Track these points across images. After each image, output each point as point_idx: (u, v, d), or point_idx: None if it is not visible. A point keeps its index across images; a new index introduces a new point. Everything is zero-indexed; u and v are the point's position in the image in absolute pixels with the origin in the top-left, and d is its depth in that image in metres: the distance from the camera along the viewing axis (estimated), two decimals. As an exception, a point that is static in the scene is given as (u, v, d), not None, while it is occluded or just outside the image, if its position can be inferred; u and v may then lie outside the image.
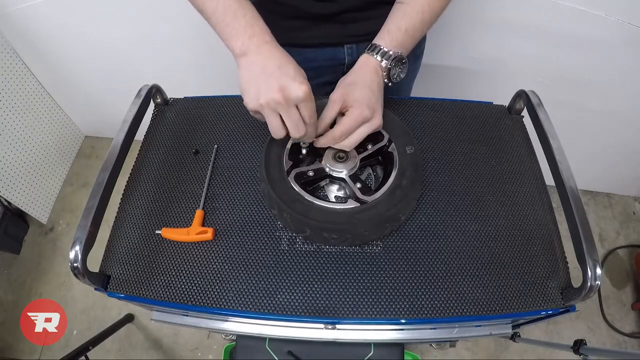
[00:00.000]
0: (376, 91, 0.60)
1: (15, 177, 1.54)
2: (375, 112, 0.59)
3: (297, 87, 0.51)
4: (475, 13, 1.11)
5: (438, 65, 1.29)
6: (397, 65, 0.61)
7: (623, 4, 0.99)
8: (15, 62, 1.49)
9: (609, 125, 1.37)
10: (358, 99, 0.58)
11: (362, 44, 0.76)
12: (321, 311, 0.56)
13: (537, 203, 0.65)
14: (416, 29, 0.62)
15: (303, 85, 0.51)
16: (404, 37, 0.61)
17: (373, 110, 0.58)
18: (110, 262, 0.62)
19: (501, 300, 0.56)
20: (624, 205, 1.77)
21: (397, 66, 0.61)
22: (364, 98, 0.58)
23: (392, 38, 0.61)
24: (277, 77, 0.51)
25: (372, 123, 0.58)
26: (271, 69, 0.52)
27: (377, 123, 0.59)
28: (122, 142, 0.65)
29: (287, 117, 0.53)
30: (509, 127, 0.75)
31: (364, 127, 0.58)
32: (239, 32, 0.54)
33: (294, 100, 0.51)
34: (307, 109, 0.53)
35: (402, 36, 0.61)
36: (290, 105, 0.52)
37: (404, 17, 0.62)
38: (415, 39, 0.63)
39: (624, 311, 1.54)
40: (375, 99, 0.59)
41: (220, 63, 1.32)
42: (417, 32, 0.62)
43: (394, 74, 0.62)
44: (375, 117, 0.59)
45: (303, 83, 0.51)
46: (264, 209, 0.64)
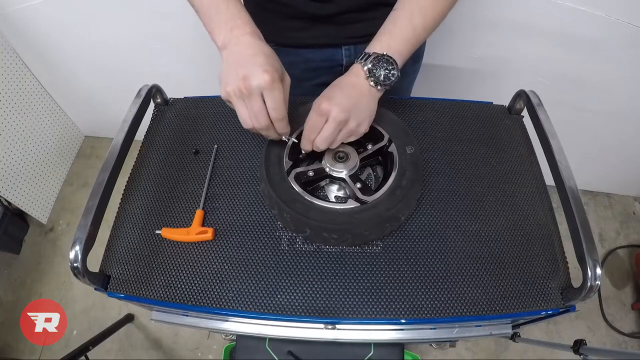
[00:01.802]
0: (353, 95, 0.56)
1: (15, 177, 1.54)
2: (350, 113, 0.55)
3: (259, 75, 0.49)
4: (476, 13, 1.11)
5: (438, 65, 1.29)
6: (380, 65, 0.57)
7: (623, 4, 0.99)
8: (15, 62, 1.49)
9: (609, 125, 1.37)
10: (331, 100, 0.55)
11: (360, 46, 0.76)
12: (321, 311, 0.56)
13: (537, 203, 0.65)
14: (405, 30, 0.59)
15: (266, 74, 0.49)
16: (391, 39, 0.59)
17: (347, 112, 0.55)
18: (110, 262, 0.62)
19: (501, 300, 0.56)
20: (624, 205, 1.77)
21: (380, 67, 0.57)
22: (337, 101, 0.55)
23: (379, 41, 0.59)
24: (245, 66, 0.51)
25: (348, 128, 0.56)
26: (244, 59, 0.52)
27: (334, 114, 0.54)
28: (122, 142, 0.65)
29: (248, 106, 0.52)
30: (509, 127, 0.75)
31: (342, 132, 0.57)
32: (221, 25, 0.55)
33: (255, 88, 0.50)
34: (271, 98, 0.51)
35: (388, 39, 0.59)
36: (252, 93, 0.51)
37: (392, 21, 0.61)
38: (408, 41, 0.59)
39: (624, 311, 1.54)
40: (351, 103, 0.55)
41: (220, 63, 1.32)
42: (407, 33, 0.59)
43: (379, 75, 0.57)
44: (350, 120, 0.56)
45: (267, 72, 0.50)
46: (264, 209, 0.64)
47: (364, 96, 0.57)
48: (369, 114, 0.58)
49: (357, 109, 0.56)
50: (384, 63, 0.57)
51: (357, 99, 0.57)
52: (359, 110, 0.57)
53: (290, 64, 0.82)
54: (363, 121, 0.58)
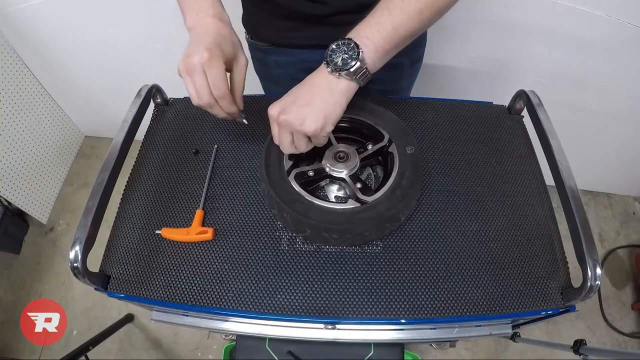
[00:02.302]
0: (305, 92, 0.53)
1: (15, 177, 1.54)
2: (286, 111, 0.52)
3: (199, 53, 0.51)
4: (475, 13, 1.11)
5: (438, 65, 1.29)
6: (340, 50, 0.51)
7: (623, 4, 0.99)
8: (15, 62, 1.49)
9: (609, 126, 1.37)
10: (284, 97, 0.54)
11: None
12: (321, 311, 0.56)
13: (537, 203, 0.65)
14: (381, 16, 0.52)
15: (205, 51, 0.51)
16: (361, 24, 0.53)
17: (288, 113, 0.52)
18: (110, 262, 0.62)
19: (501, 300, 0.56)
20: (624, 205, 1.77)
21: (339, 52, 0.51)
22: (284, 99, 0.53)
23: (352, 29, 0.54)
24: (193, 45, 0.52)
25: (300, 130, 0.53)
26: (198, 38, 0.53)
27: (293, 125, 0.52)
28: (122, 142, 0.65)
29: (193, 82, 0.53)
30: (509, 127, 0.75)
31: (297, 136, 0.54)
32: (190, 9, 0.57)
33: (196, 64, 0.51)
34: (210, 75, 0.52)
35: (360, 24, 0.53)
36: (194, 70, 0.52)
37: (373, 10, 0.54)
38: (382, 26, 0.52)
39: (624, 311, 1.54)
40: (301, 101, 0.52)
41: (220, 63, 1.32)
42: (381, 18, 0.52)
43: (337, 60, 0.51)
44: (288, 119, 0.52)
45: (207, 50, 0.51)
46: (264, 209, 0.64)
47: (312, 90, 0.53)
48: (316, 111, 0.52)
49: (296, 105, 0.52)
50: (344, 47, 0.51)
51: (298, 94, 0.53)
52: (298, 106, 0.52)
53: (286, 64, 0.82)
54: (305, 119, 0.52)
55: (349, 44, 0.51)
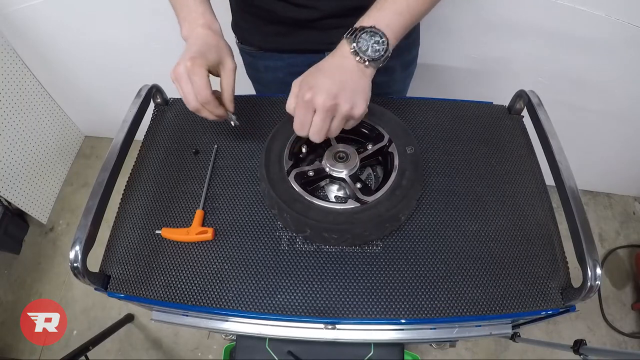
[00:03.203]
0: (331, 70, 0.53)
1: (15, 177, 1.54)
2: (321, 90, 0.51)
3: (184, 63, 0.54)
4: (476, 13, 1.11)
5: (438, 65, 1.29)
6: (367, 38, 0.52)
7: (623, 4, 0.99)
8: (15, 62, 1.49)
9: (609, 125, 1.37)
10: (306, 81, 0.53)
11: None
12: (321, 311, 0.56)
13: (537, 203, 0.65)
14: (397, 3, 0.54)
15: (188, 61, 0.54)
16: (380, 12, 0.54)
17: (317, 90, 0.51)
18: (110, 262, 0.62)
19: (501, 300, 0.56)
20: (624, 205, 1.77)
21: (367, 40, 0.52)
22: (311, 80, 0.52)
23: (367, 16, 0.54)
24: (182, 55, 0.57)
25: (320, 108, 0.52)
26: (187, 49, 0.58)
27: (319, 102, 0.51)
28: (122, 142, 0.65)
29: (180, 90, 0.57)
30: (509, 127, 0.75)
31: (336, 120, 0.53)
32: (183, 20, 0.61)
33: (181, 74, 0.55)
34: (193, 83, 0.55)
35: (377, 12, 0.54)
36: (180, 78, 0.55)
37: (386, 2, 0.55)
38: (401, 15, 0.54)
39: (624, 311, 1.54)
40: (325, 76, 0.52)
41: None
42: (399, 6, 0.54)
43: (366, 49, 0.52)
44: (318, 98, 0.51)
45: (190, 59, 0.54)
46: (264, 209, 0.64)
47: (352, 75, 0.53)
48: (362, 94, 0.54)
49: (346, 91, 0.52)
50: (371, 36, 0.52)
51: (343, 80, 0.52)
52: (349, 92, 0.52)
53: (275, 68, 0.83)
54: (356, 103, 0.53)
55: (377, 33, 0.52)
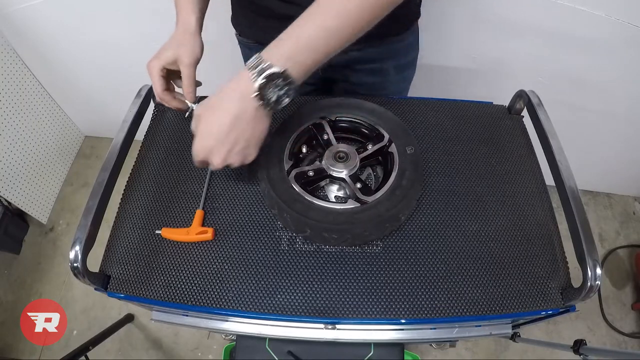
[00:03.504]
0: (224, 128, 0.50)
1: (15, 177, 1.54)
2: (212, 154, 0.51)
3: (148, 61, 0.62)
4: (475, 13, 1.11)
5: (438, 65, 1.29)
6: (274, 84, 0.48)
7: (623, 4, 0.99)
8: (15, 62, 1.49)
9: (609, 125, 1.37)
10: (200, 133, 0.52)
11: None
12: (321, 311, 0.56)
13: (537, 203, 0.65)
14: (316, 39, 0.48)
15: (150, 61, 0.62)
16: (295, 48, 0.48)
17: (209, 152, 0.52)
18: (110, 262, 0.62)
19: (501, 300, 0.56)
20: (624, 205, 1.77)
21: (273, 86, 0.48)
22: (204, 135, 0.52)
23: (280, 49, 0.49)
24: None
25: (211, 165, 0.53)
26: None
27: (215, 165, 0.52)
28: (122, 142, 0.65)
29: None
30: (509, 127, 0.75)
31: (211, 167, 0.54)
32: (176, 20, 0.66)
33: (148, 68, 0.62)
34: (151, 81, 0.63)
35: (293, 47, 0.48)
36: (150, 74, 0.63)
37: (303, 21, 0.49)
38: (317, 52, 0.48)
39: (624, 311, 1.54)
40: (217, 139, 0.50)
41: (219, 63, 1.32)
42: (318, 42, 0.48)
43: (271, 96, 0.49)
44: (212, 159, 0.52)
45: (151, 59, 0.62)
46: (264, 209, 0.64)
47: (249, 125, 0.50)
48: (257, 143, 0.53)
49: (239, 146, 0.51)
50: (280, 81, 0.48)
51: (238, 135, 0.50)
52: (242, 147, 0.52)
53: None
54: (247, 155, 0.53)
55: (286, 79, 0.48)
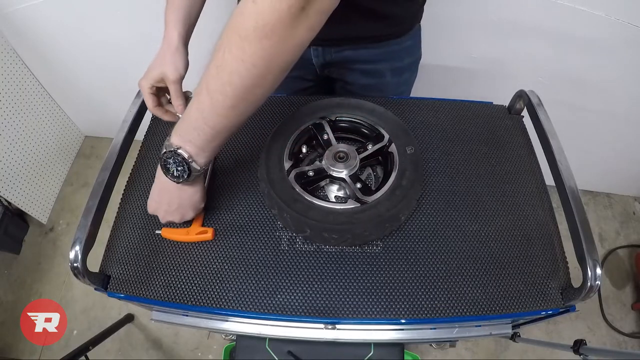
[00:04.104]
0: (155, 195, 0.59)
1: (15, 177, 1.54)
2: (157, 213, 0.60)
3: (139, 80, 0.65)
4: (475, 13, 1.11)
5: (438, 65, 1.29)
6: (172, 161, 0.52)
7: (623, 4, 0.99)
8: (15, 62, 1.49)
9: (609, 125, 1.37)
10: (150, 195, 0.61)
11: (327, 48, 0.77)
12: (321, 311, 0.56)
13: (537, 203, 0.65)
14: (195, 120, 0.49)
15: (140, 80, 0.65)
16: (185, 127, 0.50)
17: (153, 212, 0.61)
18: (110, 262, 0.62)
19: (501, 300, 0.56)
20: (624, 205, 1.76)
21: (172, 162, 0.52)
22: (150, 198, 0.60)
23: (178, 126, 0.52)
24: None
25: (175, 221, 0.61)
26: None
27: (160, 219, 0.61)
28: (122, 142, 0.65)
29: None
30: (509, 127, 0.74)
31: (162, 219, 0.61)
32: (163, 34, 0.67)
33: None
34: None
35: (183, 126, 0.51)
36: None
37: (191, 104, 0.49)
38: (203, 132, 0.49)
39: (624, 311, 1.54)
40: (155, 203, 0.60)
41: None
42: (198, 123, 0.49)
43: (172, 170, 0.53)
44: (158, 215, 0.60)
45: (141, 79, 0.65)
46: (264, 209, 0.64)
47: (173, 194, 0.58)
48: (188, 204, 0.59)
49: (173, 209, 0.59)
50: (176, 158, 0.51)
51: (169, 201, 0.58)
52: (176, 210, 0.59)
53: None
54: (185, 214, 0.60)
55: (179, 156, 0.51)
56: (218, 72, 0.44)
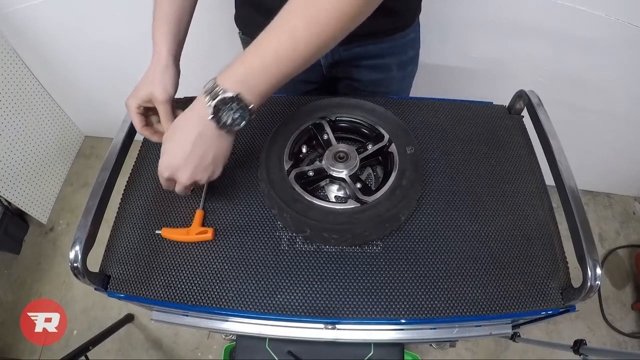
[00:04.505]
0: (188, 146, 0.51)
1: (15, 177, 1.54)
2: (179, 171, 0.53)
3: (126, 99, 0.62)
4: (476, 13, 1.11)
5: (438, 65, 1.29)
6: (228, 108, 0.49)
7: (623, 4, 0.99)
8: (15, 62, 1.49)
9: (609, 125, 1.37)
10: (165, 152, 0.54)
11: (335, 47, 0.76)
12: (321, 311, 0.56)
13: (537, 203, 0.65)
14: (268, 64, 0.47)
15: (127, 99, 0.62)
16: (248, 73, 0.48)
17: (175, 170, 0.53)
18: (110, 262, 0.62)
19: (501, 300, 0.56)
20: (624, 205, 1.76)
21: (227, 109, 0.49)
22: (170, 154, 0.54)
23: (233, 73, 0.49)
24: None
25: (178, 183, 0.55)
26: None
27: (182, 182, 0.54)
28: (122, 142, 0.65)
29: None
30: (509, 127, 0.74)
31: (177, 187, 0.56)
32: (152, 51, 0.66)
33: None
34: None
35: (245, 72, 0.48)
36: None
37: (255, 48, 0.48)
38: (271, 76, 0.48)
39: (624, 311, 1.54)
40: (182, 156, 0.52)
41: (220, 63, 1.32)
42: (270, 67, 0.47)
43: (225, 119, 0.49)
44: (179, 177, 0.54)
45: (128, 97, 0.62)
46: (264, 209, 0.64)
47: (211, 143, 0.52)
48: (222, 159, 0.55)
49: (203, 163, 0.53)
50: (234, 105, 0.48)
51: (201, 153, 0.52)
52: (207, 164, 0.53)
53: None
54: (215, 171, 0.55)
55: (239, 105, 0.49)
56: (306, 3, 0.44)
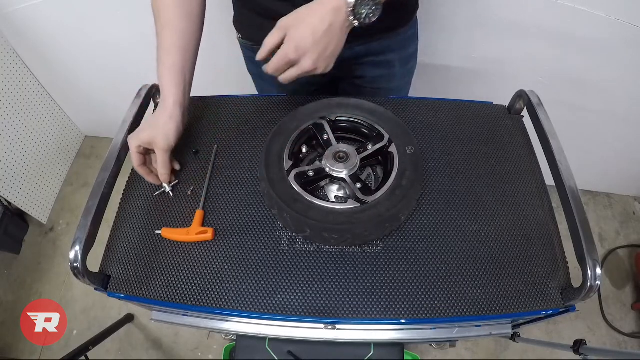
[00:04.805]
0: (319, 33, 0.54)
1: (15, 177, 1.54)
2: (306, 55, 0.55)
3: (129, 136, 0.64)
4: (476, 13, 1.11)
5: (438, 65, 1.29)
6: (365, 3, 0.53)
7: (623, 4, 0.99)
8: (15, 62, 1.49)
9: (609, 125, 1.37)
10: (293, 37, 0.55)
11: None
12: (321, 311, 0.56)
13: (537, 203, 0.65)
14: None
15: (130, 137, 0.63)
16: None
17: (302, 53, 0.55)
18: (110, 262, 0.62)
19: (501, 300, 0.56)
20: (624, 205, 1.76)
21: (365, 4, 0.53)
22: (298, 38, 0.55)
23: None
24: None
25: (299, 67, 0.56)
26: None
27: (304, 67, 0.56)
28: (122, 142, 0.65)
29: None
30: (509, 127, 0.74)
31: (293, 70, 0.57)
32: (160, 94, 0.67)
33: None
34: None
35: None
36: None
37: None
38: None
39: (624, 311, 1.54)
40: (313, 41, 0.54)
41: (220, 63, 1.32)
42: None
43: (362, 13, 0.53)
44: (303, 61, 0.56)
45: (131, 135, 0.64)
46: (264, 209, 0.64)
47: (336, 36, 0.55)
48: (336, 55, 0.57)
49: (326, 55, 0.56)
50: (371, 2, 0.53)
51: (327, 45, 0.55)
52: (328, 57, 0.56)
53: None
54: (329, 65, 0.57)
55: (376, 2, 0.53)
56: None
